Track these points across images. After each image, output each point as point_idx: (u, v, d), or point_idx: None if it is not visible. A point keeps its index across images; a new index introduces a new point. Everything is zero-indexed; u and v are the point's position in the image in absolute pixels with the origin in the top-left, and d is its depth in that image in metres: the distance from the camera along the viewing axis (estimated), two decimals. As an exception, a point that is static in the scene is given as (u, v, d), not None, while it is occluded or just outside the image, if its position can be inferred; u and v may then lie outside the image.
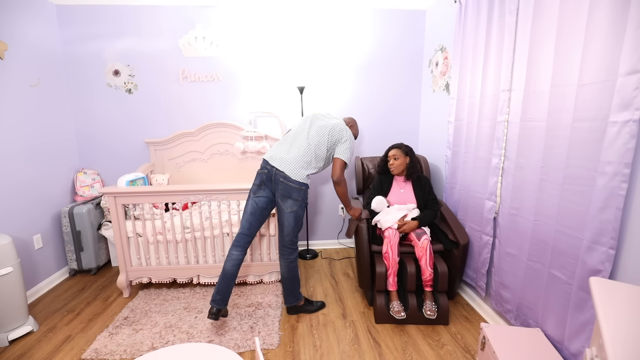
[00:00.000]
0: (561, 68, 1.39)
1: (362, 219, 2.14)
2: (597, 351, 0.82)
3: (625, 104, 1.13)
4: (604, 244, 1.24)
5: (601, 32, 1.21)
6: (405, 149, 2.26)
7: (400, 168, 2.23)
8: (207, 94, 2.91)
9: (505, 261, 1.80)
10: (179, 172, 2.95)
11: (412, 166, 2.23)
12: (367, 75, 2.99)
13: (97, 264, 2.70)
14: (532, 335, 1.51)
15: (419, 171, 2.27)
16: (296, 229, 1.98)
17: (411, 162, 2.24)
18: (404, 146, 2.27)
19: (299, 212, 1.95)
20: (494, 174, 1.87)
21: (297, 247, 2.03)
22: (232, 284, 1.91)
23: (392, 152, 2.26)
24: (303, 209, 1.97)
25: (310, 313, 2.13)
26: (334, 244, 3.28)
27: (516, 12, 1.65)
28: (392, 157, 2.25)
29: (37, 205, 2.43)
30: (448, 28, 2.47)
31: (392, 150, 2.27)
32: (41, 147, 2.49)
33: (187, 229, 2.34)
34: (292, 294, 2.07)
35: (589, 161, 1.28)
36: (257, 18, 2.81)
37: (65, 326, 2.03)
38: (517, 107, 1.66)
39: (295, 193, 1.90)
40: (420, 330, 1.94)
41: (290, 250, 2.01)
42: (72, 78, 2.77)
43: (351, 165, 3.11)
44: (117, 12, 2.70)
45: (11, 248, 1.86)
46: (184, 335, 1.90)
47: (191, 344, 1.21)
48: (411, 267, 1.98)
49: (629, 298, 0.88)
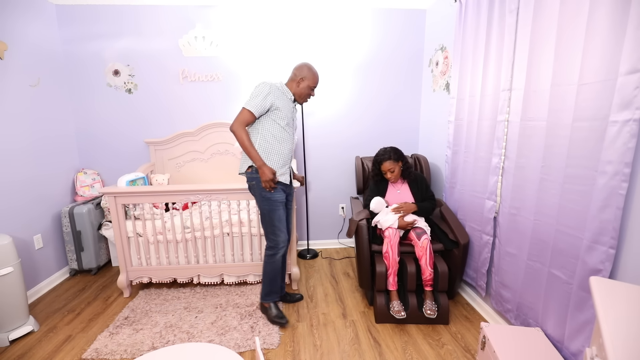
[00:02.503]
0: (561, 67, 1.39)
1: (274, 180, 1.83)
2: (597, 351, 0.82)
3: (626, 103, 1.13)
4: (604, 244, 1.24)
5: (601, 32, 1.21)
6: (394, 157, 2.17)
7: (399, 176, 2.22)
8: (207, 94, 2.91)
9: (505, 261, 1.80)
10: (179, 172, 2.95)
11: (406, 168, 2.23)
12: (367, 74, 2.99)
13: (98, 264, 2.70)
14: (532, 334, 1.51)
15: (411, 170, 2.26)
16: (266, 226, 1.93)
17: (404, 165, 2.22)
18: (392, 154, 2.18)
19: (263, 207, 1.90)
20: (494, 173, 1.87)
21: (275, 244, 1.94)
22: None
23: (385, 167, 2.18)
24: (267, 204, 1.87)
25: (268, 318, 2.02)
26: (334, 244, 3.28)
27: (516, 11, 1.65)
28: (388, 170, 2.18)
29: (37, 206, 2.43)
30: (448, 27, 2.47)
31: (384, 164, 2.17)
32: (41, 147, 2.49)
33: (187, 228, 2.34)
34: (262, 290, 2.04)
35: (590, 160, 1.28)
36: (257, 18, 2.81)
37: (66, 326, 2.03)
38: (517, 107, 1.66)
39: (250, 189, 1.92)
40: (421, 330, 1.94)
41: (267, 246, 1.98)
42: (72, 78, 2.77)
43: (351, 164, 3.11)
44: (117, 12, 2.70)
45: (11, 248, 1.86)
46: (185, 335, 1.90)
47: (191, 344, 1.21)
48: (411, 266, 1.98)
49: (629, 298, 0.88)
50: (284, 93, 1.90)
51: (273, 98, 1.82)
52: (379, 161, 2.22)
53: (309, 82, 1.92)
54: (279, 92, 1.87)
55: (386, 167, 2.18)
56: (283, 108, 1.86)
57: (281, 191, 1.91)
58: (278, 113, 1.85)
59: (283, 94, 1.89)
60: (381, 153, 2.23)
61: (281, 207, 1.92)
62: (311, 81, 1.93)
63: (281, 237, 1.94)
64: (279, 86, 1.89)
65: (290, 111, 1.93)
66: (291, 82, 1.93)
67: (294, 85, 1.93)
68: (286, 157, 1.92)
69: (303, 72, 1.91)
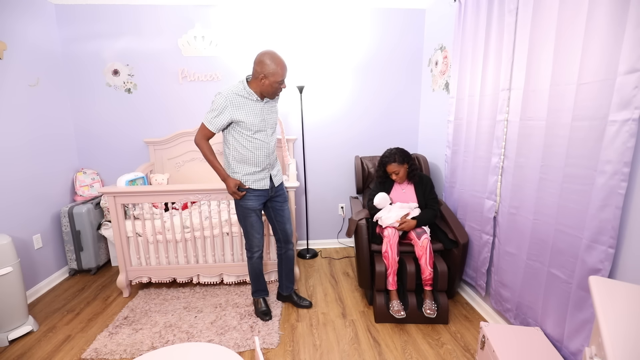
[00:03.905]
0: (561, 67, 1.39)
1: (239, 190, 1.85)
2: (596, 350, 0.82)
3: (625, 103, 1.13)
4: (603, 243, 1.24)
5: (600, 31, 1.21)
6: (400, 159, 2.14)
7: (404, 178, 2.20)
8: (207, 94, 2.90)
9: (505, 260, 1.80)
10: (178, 171, 2.94)
11: (412, 170, 2.21)
12: (366, 74, 2.99)
13: (97, 264, 2.70)
14: (532, 334, 1.51)
15: (418, 172, 2.26)
16: (242, 230, 1.98)
17: (410, 167, 2.21)
18: (398, 156, 2.15)
19: (237, 213, 1.94)
20: (494, 173, 1.87)
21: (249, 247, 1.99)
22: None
23: (390, 169, 2.17)
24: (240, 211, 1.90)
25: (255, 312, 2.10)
26: (334, 244, 3.28)
27: (515, 11, 1.65)
28: (394, 173, 2.17)
29: (36, 205, 2.43)
30: (447, 27, 2.47)
31: (390, 166, 2.16)
32: (40, 146, 2.49)
33: (186, 228, 2.34)
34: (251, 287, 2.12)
35: (589, 160, 1.28)
36: (256, 17, 2.81)
37: (65, 326, 2.03)
38: (516, 106, 1.66)
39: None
40: (420, 330, 1.94)
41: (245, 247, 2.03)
42: (71, 78, 2.77)
43: (350, 164, 3.11)
44: (116, 12, 2.70)
45: (11, 248, 1.86)
46: (184, 335, 1.90)
47: (191, 344, 1.21)
48: (411, 266, 1.98)
49: (628, 297, 0.88)
50: (246, 98, 1.73)
51: (231, 112, 1.70)
52: (384, 163, 2.21)
53: (273, 78, 1.68)
54: (240, 98, 1.71)
55: (391, 170, 2.18)
56: (246, 117, 1.73)
57: (254, 198, 1.89)
58: (242, 125, 1.74)
59: (245, 99, 1.73)
60: (387, 155, 2.20)
61: (254, 214, 1.92)
62: (275, 76, 1.68)
63: (254, 242, 1.97)
64: (239, 91, 1.72)
65: (259, 114, 1.77)
66: (254, 81, 1.73)
67: (258, 84, 1.72)
68: (262, 163, 1.85)
69: (265, 69, 1.66)
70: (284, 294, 2.21)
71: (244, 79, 1.77)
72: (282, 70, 1.70)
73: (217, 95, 1.72)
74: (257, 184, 1.88)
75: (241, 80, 1.77)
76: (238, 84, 1.75)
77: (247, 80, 1.77)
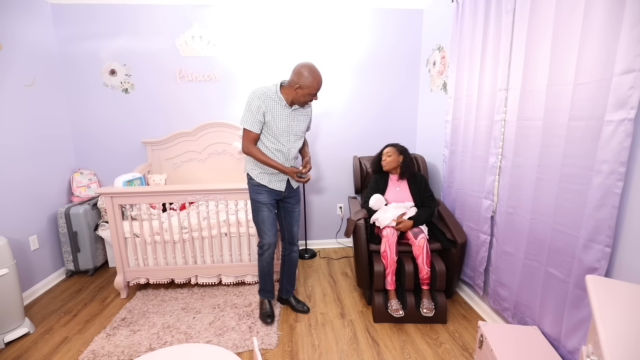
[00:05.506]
0: (557, 67, 1.40)
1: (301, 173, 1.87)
2: (593, 348, 0.83)
3: (621, 103, 1.14)
4: (600, 242, 1.25)
5: (597, 32, 1.21)
6: (399, 148, 2.28)
7: (392, 165, 2.24)
8: (205, 94, 2.90)
9: (502, 259, 1.81)
10: (176, 172, 2.94)
11: (405, 165, 2.24)
12: (364, 74, 2.99)
13: (94, 265, 2.69)
14: (530, 333, 1.52)
15: (412, 170, 2.27)
16: (255, 225, 1.99)
17: (404, 161, 2.24)
18: (399, 146, 2.30)
19: (251, 207, 1.97)
20: (491, 172, 1.88)
21: (261, 245, 1.98)
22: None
23: (386, 150, 2.29)
24: (253, 205, 1.94)
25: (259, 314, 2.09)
26: (333, 244, 3.28)
27: (513, 11, 1.66)
28: (386, 154, 2.28)
29: (33, 206, 2.41)
30: (445, 27, 2.48)
31: (387, 148, 2.30)
32: (36, 147, 2.47)
33: (184, 229, 2.33)
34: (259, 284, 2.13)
35: (585, 160, 1.29)
36: (254, 17, 2.81)
37: (62, 328, 2.02)
38: (514, 106, 1.67)
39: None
40: (419, 329, 1.94)
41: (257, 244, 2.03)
42: (68, 78, 2.75)
43: (349, 164, 3.12)
44: (114, 11, 2.69)
45: (7, 249, 1.84)
46: (182, 336, 1.90)
47: (189, 345, 1.20)
48: (409, 265, 1.98)
49: (625, 295, 0.89)
50: (276, 102, 1.78)
51: (263, 111, 1.76)
52: (384, 147, 2.33)
53: (308, 90, 1.73)
54: (270, 100, 1.76)
55: (386, 151, 2.28)
56: (273, 120, 1.78)
57: (265, 193, 1.92)
58: (267, 126, 1.81)
59: (275, 102, 1.77)
60: (390, 143, 2.35)
61: (265, 209, 1.92)
62: (310, 89, 1.73)
63: (265, 240, 1.96)
64: (271, 94, 1.77)
65: (285, 119, 1.81)
66: (288, 88, 1.78)
67: (291, 92, 1.77)
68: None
69: (301, 80, 1.71)
70: (283, 297, 2.21)
71: (278, 83, 1.81)
72: (318, 84, 1.76)
73: (251, 95, 1.77)
74: (272, 184, 1.92)
75: (275, 83, 1.81)
76: (271, 87, 1.80)
77: (280, 85, 1.81)
